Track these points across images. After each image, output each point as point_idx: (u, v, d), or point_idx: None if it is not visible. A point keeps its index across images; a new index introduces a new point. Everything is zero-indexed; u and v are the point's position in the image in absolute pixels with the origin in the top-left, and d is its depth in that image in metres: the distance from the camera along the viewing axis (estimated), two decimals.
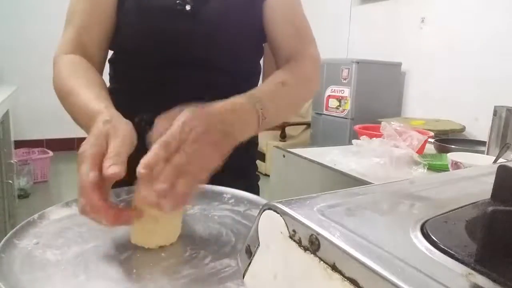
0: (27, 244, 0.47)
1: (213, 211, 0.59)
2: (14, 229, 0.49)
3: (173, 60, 0.70)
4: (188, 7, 0.69)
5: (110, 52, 0.76)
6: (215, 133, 0.47)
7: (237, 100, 0.55)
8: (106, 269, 0.43)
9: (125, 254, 0.46)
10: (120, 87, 0.75)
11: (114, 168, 0.42)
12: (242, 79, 0.77)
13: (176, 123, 0.45)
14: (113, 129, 0.47)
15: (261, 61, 0.81)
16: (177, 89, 0.71)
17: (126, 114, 0.58)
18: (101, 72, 0.71)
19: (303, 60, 0.75)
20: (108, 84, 0.73)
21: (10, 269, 0.42)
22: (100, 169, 0.43)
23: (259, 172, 0.87)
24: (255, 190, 0.82)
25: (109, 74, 0.78)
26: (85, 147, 0.45)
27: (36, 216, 0.54)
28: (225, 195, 0.64)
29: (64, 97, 0.61)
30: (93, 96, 0.57)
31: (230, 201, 0.63)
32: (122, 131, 0.47)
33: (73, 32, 0.69)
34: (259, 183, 0.86)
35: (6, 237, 0.47)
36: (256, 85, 0.81)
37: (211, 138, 0.46)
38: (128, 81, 0.75)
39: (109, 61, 0.77)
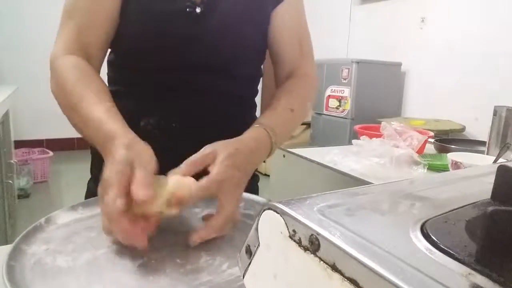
0: (36, 251, 0.46)
1: None
2: (22, 235, 0.48)
3: (178, 64, 0.69)
4: (198, 10, 0.66)
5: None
6: (246, 171, 0.56)
7: (260, 135, 0.62)
8: (121, 277, 0.42)
9: (140, 260, 0.45)
10: (122, 90, 0.73)
11: (143, 192, 0.44)
12: (244, 83, 0.77)
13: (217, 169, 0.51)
14: (137, 156, 0.48)
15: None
16: (181, 93, 0.70)
17: (129, 118, 0.58)
18: (99, 73, 0.68)
19: (305, 81, 0.76)
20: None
21: (22, 278, 0.40)
22: (127, 195, 0.44)
23: (259, 172, 0.87)
24: (255, 191, 0.82)
25: (108, 75, 0.76)
26: (110, 174, 0.46)
27: (42, 220, 0.53)
28: None
29: (71, 107, 0.59)
30: (106, 113, 0.55)
31: (240, 204, 0.62)
32: (146, 158, 0.49)
33: (75, 31, 0.65)
34: (259, 183, 0.86)
35: (14, 243, 0.46)
36: (257, 88, 0.82)
37: (245, 178, 0.55)
38: (131, 85, 0.73)
39: (109, 62, 0.75)
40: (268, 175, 1.48)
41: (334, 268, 0.24)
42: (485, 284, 0.21)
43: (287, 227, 0.28)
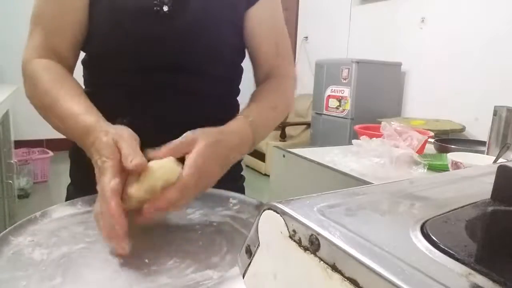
0: (21, 242, 0.47)
1: (213, 217, 0.57)
2: (13, 226, 0.49)
3: (149, 64, 0.67)
4: (165, 8, 0.64)
5: (82, 54, 0.72)
6: (224, 162, 0.56)
7: (243, 130, 0.61)
8: (85, 273, 0.42)
9: (109, 256, 0.45)
10: (96, 91, 0.71)
11: (136, 160, 0.47)
12: (222, 83, 0.75)
13: (192, 168, 0.50)
14: (118, 135, 0.50)
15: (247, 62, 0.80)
16: (155, 94, 0.68)
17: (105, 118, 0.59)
18: (72, 74, 0.68)
19: (285, 81, 0.77)
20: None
21: None
22: (121, 177, 0.47)
23: (259, 172, 0.87)
24: (241, 191, 0.81)
25: (83, 77, 0.74)
26: (101, 161, 0.48)
27: (38, 214, 0.54)
28: (231, 201, 0.63)
29: (46, 107, 0.60)
30: (81, 108, 0.57)
31: (234, 207, 0.61)
32: (127, 134, 0.51)
33: (42, 36, 0.65)
34: (259, 183, 0.86)
35: (2, 233, 0.47)
36: (238, 88, 0.80)
37: (221, 167, 0.55)
38: (104, 86, 0.71)
39: (83, 63, 0.73)
40: (268, 175, 1.48)
41: (334, 268, 0.24)
42: (485, 284, 0.21)
43: (287, 227, 0.28)
